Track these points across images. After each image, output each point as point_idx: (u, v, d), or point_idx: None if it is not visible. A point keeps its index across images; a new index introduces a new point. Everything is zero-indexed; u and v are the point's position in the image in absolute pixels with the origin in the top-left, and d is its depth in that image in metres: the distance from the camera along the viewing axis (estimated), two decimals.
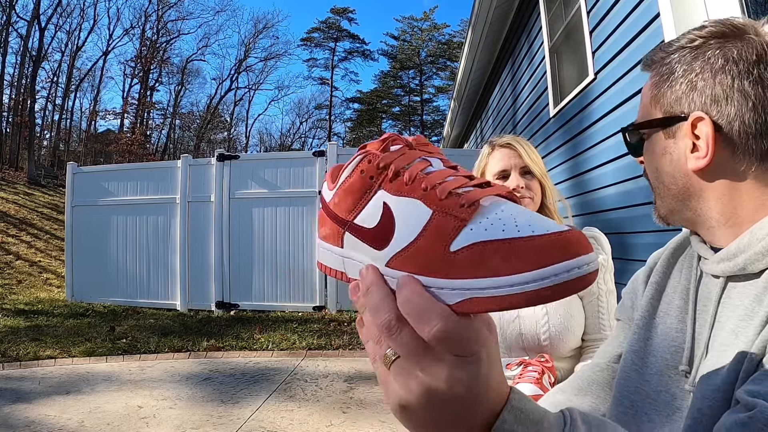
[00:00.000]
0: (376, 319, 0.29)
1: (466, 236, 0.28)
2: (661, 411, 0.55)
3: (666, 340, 0.58)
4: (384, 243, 0.31)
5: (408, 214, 0.31)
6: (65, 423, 2.72)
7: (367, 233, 0.33)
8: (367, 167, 0.33)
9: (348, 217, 0.34)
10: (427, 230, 0.30)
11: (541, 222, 0.28)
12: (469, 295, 0.27)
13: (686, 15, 2.00)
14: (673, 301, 0.60)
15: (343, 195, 0.35)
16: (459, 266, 0.28)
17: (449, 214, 0.29)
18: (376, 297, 0.30)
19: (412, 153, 0.34)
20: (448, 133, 10.76)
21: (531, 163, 1.27)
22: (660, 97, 0.55)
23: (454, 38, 31.05)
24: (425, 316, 0.27)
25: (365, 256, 0.33)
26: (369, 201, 0.33)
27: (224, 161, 5.97)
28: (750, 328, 0.46)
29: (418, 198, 0.31)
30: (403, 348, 0.28)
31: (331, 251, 0.36)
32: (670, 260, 0.64)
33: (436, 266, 0.28)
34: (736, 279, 0.51)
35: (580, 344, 1.24)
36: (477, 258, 0.27)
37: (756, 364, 0.44)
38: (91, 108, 25.38)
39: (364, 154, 0.34)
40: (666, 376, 0.56)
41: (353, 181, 0.34)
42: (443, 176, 0.32)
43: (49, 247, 9.51)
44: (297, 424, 2.74)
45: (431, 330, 0.27)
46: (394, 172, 0.32)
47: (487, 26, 5.50)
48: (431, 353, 0.28)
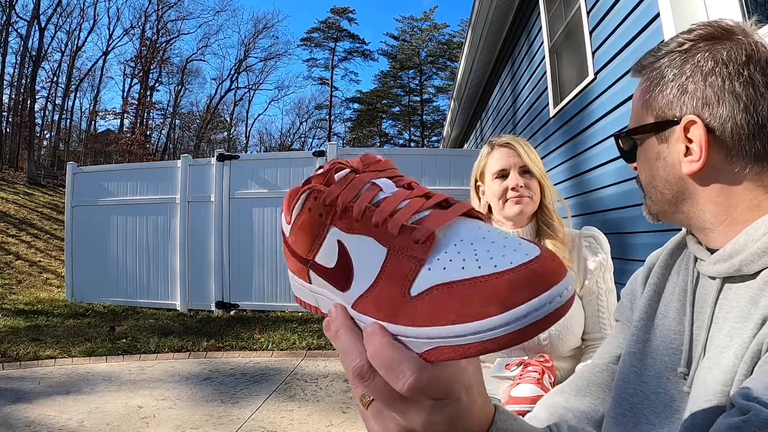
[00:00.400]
0: (347, 363, 0.28)
1: (424, 278, 0.26)
2: (659, 413, 0.55)
3: (664, 341, 0.58)
4: (345, 284, 0.30)
5: (363, 254, 0.29)
6: (65, 423, 2.72)
7: (329, 273, 0.31)
8: (313, 205, 0.31)
9: (308, 256, 0.32)
10: (385, 272, 0.27)
11: (504, 251, 0.25)
12: (436, 344, 0.25)
13: (686, 15, 2.00)
14: (671, 302, 0.60)
15: (298, 233, 0.32)
16: (421, 313, 0.25)
17: (404, 254, 0.27)
18: (345, 341, 0.29)
19: (359, 179, 0.31)
20: (448, 133, 10.76)
21: (530, 163, 1.27)
22: (651, 102, 0.55)
23: (454, 38, 31.06)
24: (396, 369, 0.26)
25: (333, 295, 0.31)
26: (324, 239, 0.31)
27: (224, 161, 5.97)
28: (745, 330, 0.46)
29: (371, 236, 0.28)
30: (376, 394, 0.28)
31: (302, 286, 0.35)
32: (668, 261, 0.64)
33: (399, 313, 0.26)
34: (732, 280, 0.51)
35: (580, 344, 1.24)
36: (439, 303, 0.25)
37: (751, 366, 0.44)
38: (91, 108, 25.38)
39: (309, 190, 0.32)
40: (665, 378, 0.56)
41: (304, 219, 0.32)
42: (395, 203, 0.29)
43: (49, 247, 9.51)
44: (297, 424, 2.74)
45: (404, 383, 0.26)
46: (341, 208, 0.30)
47: (487, 26, 5.50)
48: (407, 399, 0.27)
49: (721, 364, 0.47)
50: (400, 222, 0.28)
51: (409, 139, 33.92)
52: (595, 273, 1.23)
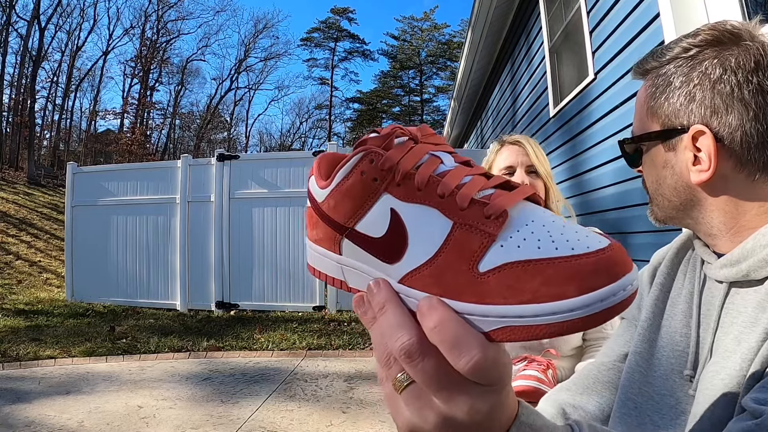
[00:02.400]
0: (392, 342, 0.26)
1: (496, 255, 0.25)
2: (664, 415, 0.55)
3: (671, 343, 0.58)
4: (395, 256, 0.28)
5: (423, 226, 0.27)
6: (65, 423, 2.72)
7: (374, 243, 0.29)
8: (368, 168, 0.29)
9: (347, 223, 0.30)
10: (449, 246, 0.26)
11: (577, 236, 0.25)
12: (505, 323, 0.24)
13: (686, 15, 2.00)
14: (677, 304, 0.60)
15: (341, 198, 0.30)
16: (491, 290, 0.24)
17: (474, 228, 0.26)
18: (392, 317, 0.27)
19: (419, 148, 0.29)
20: (448, 133, 10.76)
21: (537, 163, 1.27)
22: (657, 109, 0.54)
23: (455, 38, 31.06)
24: (462, 346, 0.24)
25: (371, 268, 0.29)
26: (373, 206, 0.29)
27: (224, 161, 5.97)
28: (753, 335, 0.46)
29: (435, 207, 0.27)
30: (422, 376, 0.26)
31: (325, 257, 0.32)
32: (674, 260, 0.64)
33: (462, 289, 0.25)
34: (739, 285, 0.51)
35: (581, 343, 1.25)
36: (512, 281, 0.24)
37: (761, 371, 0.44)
38: (91, 108, 25.38)
39: (364, 151, 0.29)
40: (671, 380, 0.56)
41: (352, 183, 0.29)
42: (459, 177, 0.28)
43: (49, 247, 9.51)
44: (297, 424, 2.74)
45: (468, 361, 0.24)
46: (402, 174, 0.28)
47: (487, 26, 5.50)
48: (455, 384, 0.25)
49: (727, 367, 0.47)
50: (470, 195, 0.27)
51: None
52: None
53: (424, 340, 0.26)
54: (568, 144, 3.62)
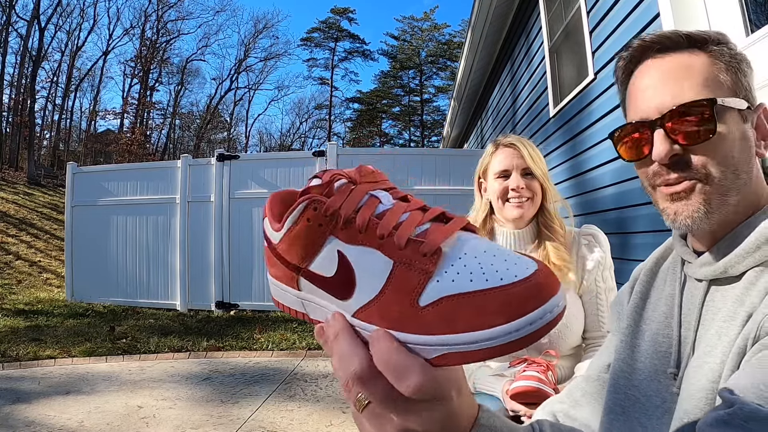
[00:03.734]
0: (346, 368, 0.29)
1: (433, 290, 0.27)
2: (651, 415, 0.56)
3: (653, 345, 0.59)
4: (346, 293, 0.30)
5: (367, 265, 0.29)
6: (65, 423, 2.72)
7: (327, 282, 0.31)
8: (313, 215, 0.31)
9: (301, 264, 0.32)
10: (391, 283, 0.28)
11: (506, 265, 0.27)
12: (445, 351, 0.27)
13: (686, 15, 2.00)
14: (658, 307, 0.62)
15: (292, 242, 0.32)
16: (431, 322, 0.27)
17: (412, 266, 0.28)
18: (345, 346, 0.29)
19: (358, 190, 0.31)
20: (448, 133, 10.76)
21: (533, 165, 1.27)
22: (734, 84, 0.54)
23: (455, 38, 31.06)
24: (403, 372, 0.27)
25: (328, 303, 0.32)
26: (322, 249, 0.31)
27: (224, 161, 5.97)
28: (732, 328, 0.47)
29: (376, 248, 0.29)
30: (375, 398, 0.28)
31: (287, 292, 0.35)
32: (653, 270, 0.66)
33: (406, 322, 0.28)
34: (718, 283, 0.53)
35: (580, 342, 1.25)
36: (449, 313, 0.26)
37: (737, 362, 0.45)
38: (91, 108, 25.39)
39: (308, 200, 0.32)
40: (656, 381, 0.57)
41: (300, 229, 0.31)
42: (397, 216, 0.30)
43: (49, 247, 9.51)
44: (297, 424, 2.74)
45: (410, 385, 0.27)
46: (344, 219, 0.30)
47: (487, 26, 5.50)
48: (405, 402, 0.28)
49: (709, 362, 0.48)
50: (406, 235, 0.29)
51: (409, 139, 33.94)
52: (593, 272, 1.23)
53: (373, 366, 0.28)
54: (568, 144, 3.62)
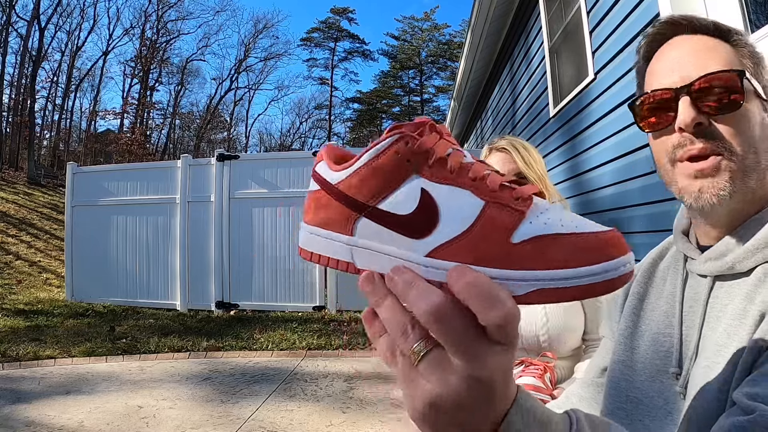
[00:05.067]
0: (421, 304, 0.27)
1: (526, 229, 0.28)
2: (655, 416, 0.55)
3: (654, 345, 0.58)
4: (424, 232, 0.30)
5: (456, 204, 0.30)
6: (65, 423, 2.72)
7: (398, 220, 0.30)
8: (404, 149, 0.31)
9: (370, 202, 0.31)
10: (482, 221, 0.29)
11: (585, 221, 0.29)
12: (538, 286, 0.27)
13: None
14: (657, 307, 0.60)
15: (368, 176, 0.31)
16: (524, 258, 0.28)
17: (505, 206, 0.29)
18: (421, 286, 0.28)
19: (445, 142, 0.32)
20: None
21: (526, 169, 1.26)
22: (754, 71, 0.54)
23: (455, 38, 31.06)
24: (493, 299, 0.26)
25: (389, 246, 0.31)
26: (401, 185, 0.31)
27: (224, 161, 5.97)
28: (743, 328, 0.46)
29: (467, 188, 0.30)
30: (451, 335, 0.26)
31: (332, 239, 0.33)
32: (650, 269, 0.65)
33: (497, 257, 0.28)
34: (723, 278, 0.52)
35: (580, 344, 1.25)
36: (543, 250, 0.28)
37: (751, 364, 0.44)
38: (91, 108, 25.39)
39: (400, 134, 0.31)
40: (658, 381, 0.56)
41: (384, 161, 0.31)
42: (483, 169, 0.31)
43: (49, 247, 9.51)
44: (297, 424, 2.74)
45: (499, 314, 0.25)
46: (436, 158, 0.31)
47: (487, 26, 5.50)
48: (479, 341, 0.27)
49: (720, 363, 0.47)
50: (499, 180, 0.30)
51: None
52: None
53: (454, 300, 0.27)
54: (567, 144, 3.62)
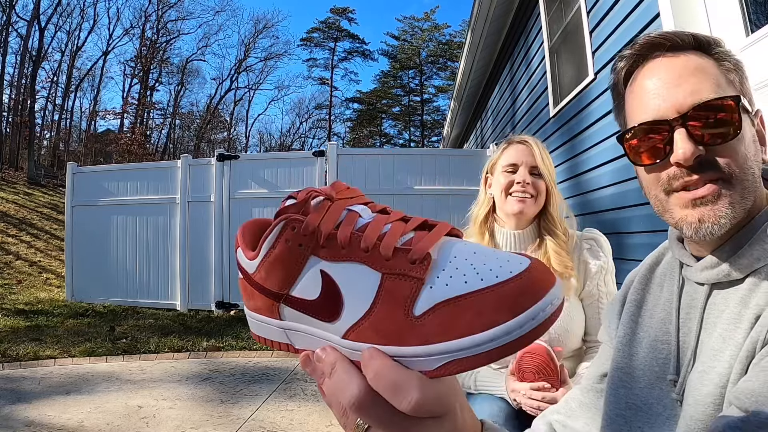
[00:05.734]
0: (343, 397, 0.27)
1: (427, 297, 0.26)
2: (654, 423, 0.55)
3: (652, 352, 0.58)
4: (334, 315, 0.28)
5: (354, 282, 0.28)
6: (65, 423, 2.72)
7: (311, 305, 0.29)
8: (292, 236, 0.30)
9: (282, 290, 0.30)
10: (382, 296, 0.27)
11: (499, 263, 0.26)
12: (449, 359, 0.25)
13: (686, 15, 2.00)
14: (655, 314, 0.61)
15: (271, 268, 0.31)
16: (428, 331, 0.26)
17: (402, 276, 0.27)
18: (342, 374, 0.28)
19: (336, 206, 0.30)
20: (448, 133, 10.76)
21: (542, 165, 1.27)
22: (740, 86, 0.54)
23: (455, 38, 31.05)
24: (401, 389, 0.25)
25: (314, 328, 0.30)
26: (303, 271, 0.29)
27: (224, 161, 5.97)
28: (738, 332, 0.47)
29: (361, 262, 0.28)
30: (376, 423, 0.27)
31: (267, 324, 0.33)
32: (647, 276, 0.65)
33: (403, 335, 0.26)
34: (719, 286, 0.52)
35: (581, 345, 1.25)
36: (447, 319, 0.25)
37: (746, 365, 0.44)
38: (91, 108, 25.39)
39: (285, 220, 0.30)
40: (657, 388, 0.56)
41: (279, 252, 0.30)
42: (379, 227, 0.29)
43: (49, 247, 9.50)
44: (297, 424, 2.74)
45: (410, 402, 0.25)
46: (324, 236, 0.29)
47: (487, 26, 5.50)
48: (407, 420, 0.26)
49: (716, 367, 0.47)
50: (392, 245, 0.28)
51: (409, 139, 33.93)
52: (596, 276, 1.23)
53: (371, 389, 0.26)
54: (567, 144, 3.62)
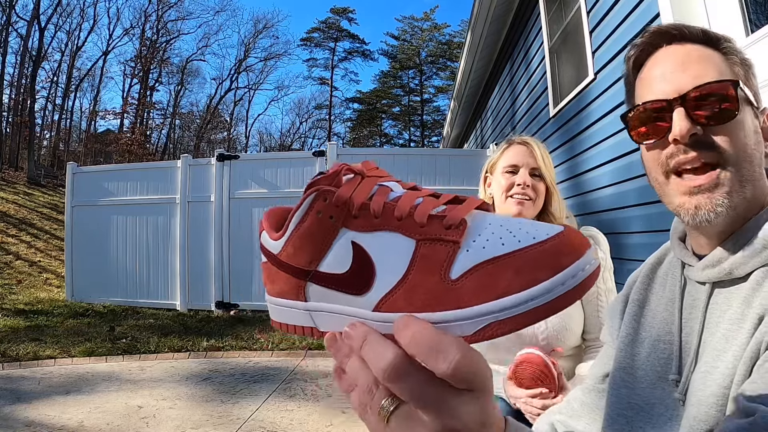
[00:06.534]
0: (377, 365, 0.26)
1: (464, 260, 0.26)
2: (656, 423, 0.55)
3: (654, 351, 0.58)
4: (364, 287, 0.28)
5: (387, 250, 0.28)
6: (65, 423, 2.72)
7: (340, 279, 0.29)
8: (324, 207, 0.29)
9: (310, 266, 0.30)
10: (416, 263, 0.27)
11: (534, 227, 0.26)
12: (489, 321, 0.25)
13: (686, 15, 2.00)
14: (657, 313, 0.61)
15: (299, 243, 0.30)
16: (466, 293, 0.25)
17: (437, 240, 0.27)
18: (375, 344, 0.26)
19: (367, 182, 0.30)
20: (448, 133, 10.76)
21: (543, 166, 1.27)
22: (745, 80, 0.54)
23: (455, 38, 31.04)
24: (441, 350, 0.24)
25: (341, 305, 0.30)
26: (333, 243, 0.29)
27: (224, 161, 5.97)
28: (741, 331, 0.46)
29: (395, 230, 0.28)
30: (410, 394, 0.25)
31: (292, 308, 0.32)
32: (649, 276, 0.65)
33: (440, 299, 0.26)
34: (721, 285, 0.52)
35: (580, 343, 1.25)
36: (486, 280, 0.25)
37: (750, 366, 0.44)
38: (91, 108, 25.39)
39: (317, 191, 0.30)
40: (659, 388, 0.56)
41: (309, 224, 0.30)
42: (412, 200, 0.29)
43: (49, 247, 9.50)
44: (297, 424, 2.74)
45: (450, 364, 0.24)
46: (357, 206, 0.29)
47: (487, 26, 5.50)
48: (443, 395, 0.25)
49: (719, 367, 0.47)
50: (427, 212, 0.27)
51: (409, 139, 33.93)
52: None
53: (407, 357, 0.25)
54: (567, 144, 3.62)
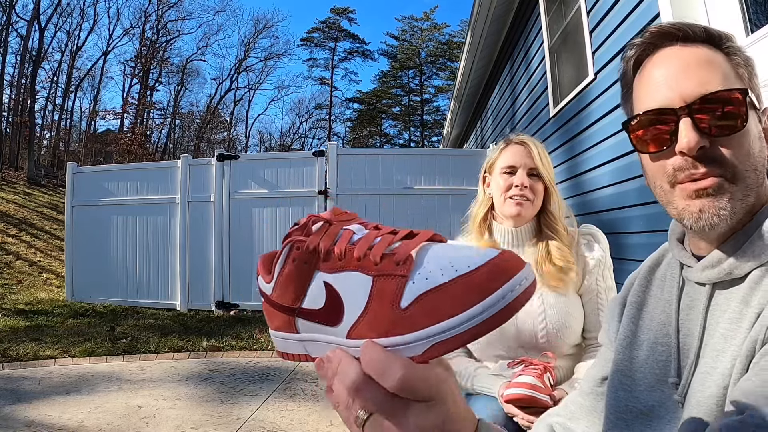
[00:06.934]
0: (345, 383, 0.31)
1: (410, 291, 0.30)
2: (654, 426, 0.55)
3: (653, 354, 0.58)
4: (337, 319, 0.33)
5: (351, 287, 0.33)
6: (65, 423, 2.72)
7: (318, 314, 0.34)
8: (298, 255, 0.35)
9: (295, 305, 0.36)
10: (373, 296, 0.31)
11: (473, 253, 0.30)
12: (433, 342, 0.29)
13: (686, 15, 2.00)
14: (655, 316, 0.60)
15: (284, 285, 0.36)
16: (415, 319, 0.29)
17: (389, 275, 0.31)
18: (344, 366, 0.31)
19: (333, 228, 0.36)
20: (448, 133, 10.76)
21: (541, 166, 1.26)
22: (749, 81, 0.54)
23: (455, 38, 31.03)
24: (387, 369, 0.29)
25: (323, 335, 0.35)
26: (310, 284, 0.35)
27: (224, 161, 5.97)
28: (739, 331, 0.46)
29: (355, 269, 0.33)
30: (372, 404, 0.30)
31: (289, 339, 0.38)
32: (647, 277, 0.65)
33: (393, 326, 0.30)
34: (721, 286, 0.52)
35: (580, 341, 1.24)
36: (429, 307, 0.29)
37: (746, 364, 0.44)
38: (91, 108, 25.39)
39: (291, 243, 0.36)
40: (658, 391, 0.56)
41: (288, 271, 0.36)
42: (370, 241, 0.34)
43: (49, 247, 9.50)
44: (297, 424, 2.74)
45: (394, 380, 0.28)
46: (324, 252, 0.34)
47: (487, 26, 5.50)
48: (399, 404, 0.29)
49: (718, 368, 0.47)
50: (380, 251, 0.32)
51: (409, 139, 33.93)
52: (594, 271, 1.23)
53: (366, 375, 0.30)
54: (567, 144, 3.63)
